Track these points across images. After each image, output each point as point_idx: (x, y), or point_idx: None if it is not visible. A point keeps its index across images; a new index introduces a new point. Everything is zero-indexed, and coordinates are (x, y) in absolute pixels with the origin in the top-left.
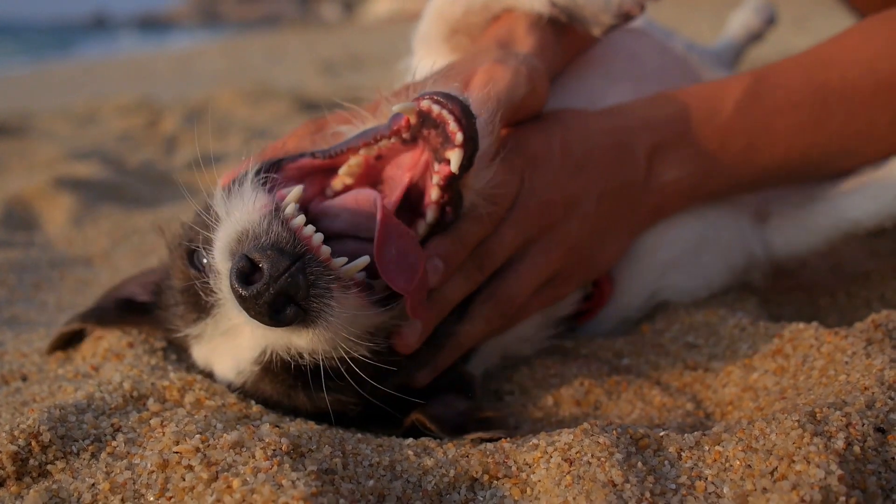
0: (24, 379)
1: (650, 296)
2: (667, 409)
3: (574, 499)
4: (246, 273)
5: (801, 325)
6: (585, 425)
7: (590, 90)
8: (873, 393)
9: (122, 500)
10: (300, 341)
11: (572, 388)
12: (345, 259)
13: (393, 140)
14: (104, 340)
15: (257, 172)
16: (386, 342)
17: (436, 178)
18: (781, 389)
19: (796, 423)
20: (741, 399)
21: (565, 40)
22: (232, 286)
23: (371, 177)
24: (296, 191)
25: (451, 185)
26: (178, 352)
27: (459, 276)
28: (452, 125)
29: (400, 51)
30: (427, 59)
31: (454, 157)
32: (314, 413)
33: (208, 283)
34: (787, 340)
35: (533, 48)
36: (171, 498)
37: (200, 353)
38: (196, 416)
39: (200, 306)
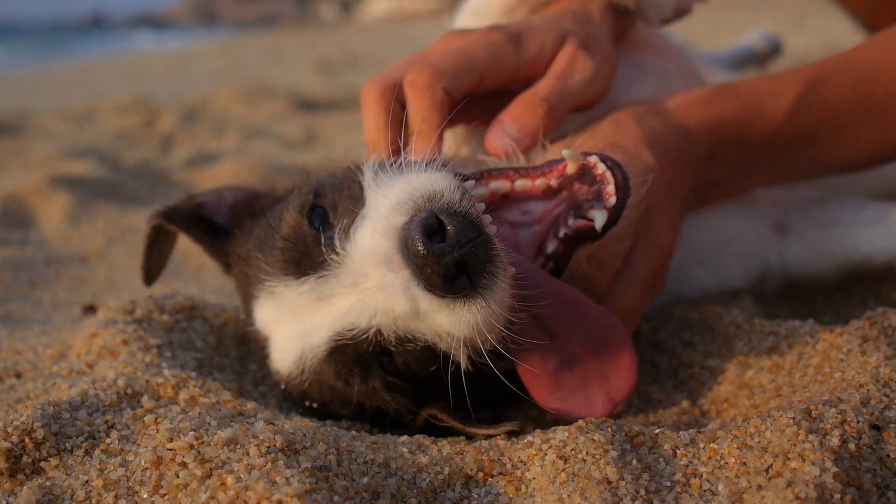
0: (19, 376)
1: (670, 288)
2: (662, 407)
3: (569, 496)
4: (431, 231)
5: (797, 323)
6: (580, 423)
7: (620, 79)
8: (868, 390)
9: (116, 497)
10: (439, 319)
11: None
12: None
13: (538, 182)
14: (99, 338)
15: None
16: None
17: (562, 231)
18: (777, 387)
19: (791, 421)
20: (736, 396)
21: (621, 25)
22: (411, 239)
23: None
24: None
25: (574, 244)
26: (173, 348)
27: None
28: (611, 188)
29: (397, 50)
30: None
31: (600, 217)
32: (356, 414)
33: (330, 242)
34: (782, 338)
35: (608, 34)
36: (164, 495)
37: (267, 313)
38: (190, 414)
39: (307, 263)
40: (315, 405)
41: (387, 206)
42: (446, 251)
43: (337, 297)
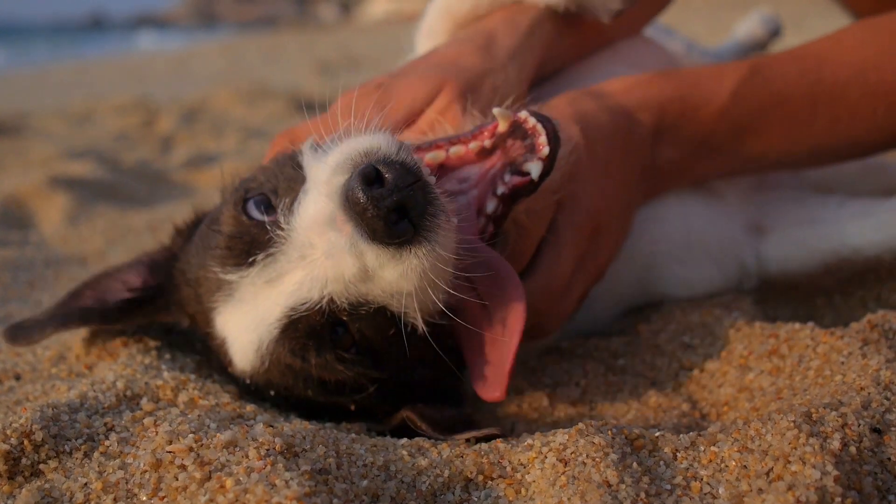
0: (18, 378)
1: (640, 282)
2: (662, 410)
3: (569, 499)
4: (370, 180)
5: (797, 326)
6: (580, 426)
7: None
8: (869, 393)
9: (115, 499)
10: (388, 273)
11: (568, 388)
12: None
13: (471, 146)
14: (98, 339)
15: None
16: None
17: (500, 189)
18: (777, 390)
19: (792, 424)
20: (737, 399)
21: (573, 32)
22: (350, 190)
23: None
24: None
25: (513, 200)
26: (172, 350)
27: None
28: (543, 139)
29: (396, 51)
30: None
31: (535, 168)
32: (321, 393)
33: (269, 228)
34: (782, 341)
35: (539, 46)
36: (163, 497)
37: (225, 316)
38: (190, 416)
39: (254, 249)
40: (281, 393)
41: (327, 170)
42: (385, 195)
43: (286, 276)
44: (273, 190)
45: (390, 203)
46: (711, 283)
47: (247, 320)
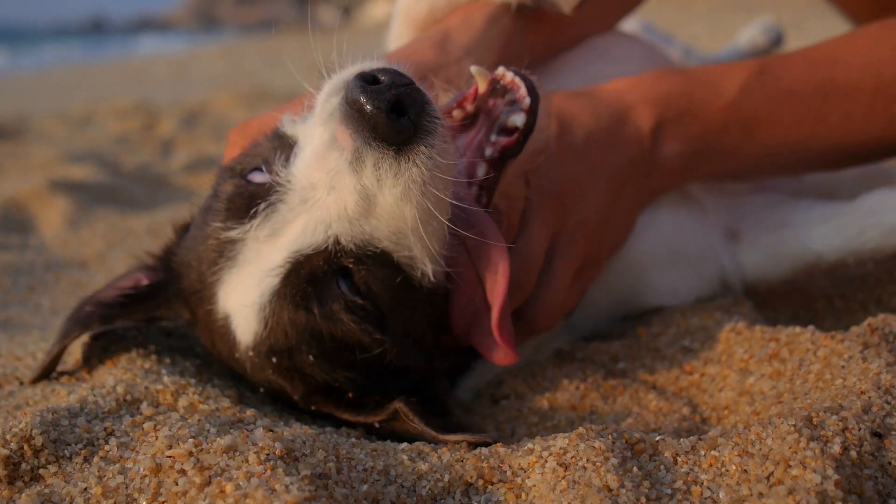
0: (21, 383)
1: (622, 291)
2: (663, 414)
3: None
4: (367, 82)
5: (798, 329)
6: (581, 430)
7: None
8: (870, 397)
9: None
10: (388, 195)
11: (568, 392)
12: None
13: (455, 113)
14: (98, 343)
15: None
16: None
17: (489, 151)
18: (778, 394)
19: (792, 428)
20: (737, 403)
21: (535, 27)
22: (349, 92)
23: None
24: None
25: (502, 162)
26: (173, 354)
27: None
28: (523, 90)
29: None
30: None
31: (519, 119)
32: (322, 361)
33: (270, 183)
34: (783, 344)
35: (496, 39)
36: (163, 502)
37: (229, 287)
38: (189, 421)
39: (253, 204)
40: (284, 365)
41: (320, 102)
42: (383, 89)
43: (289, 224)
44: (265, 160)
45: (389, 96)
46: (694, 291)
47: (249, 280)
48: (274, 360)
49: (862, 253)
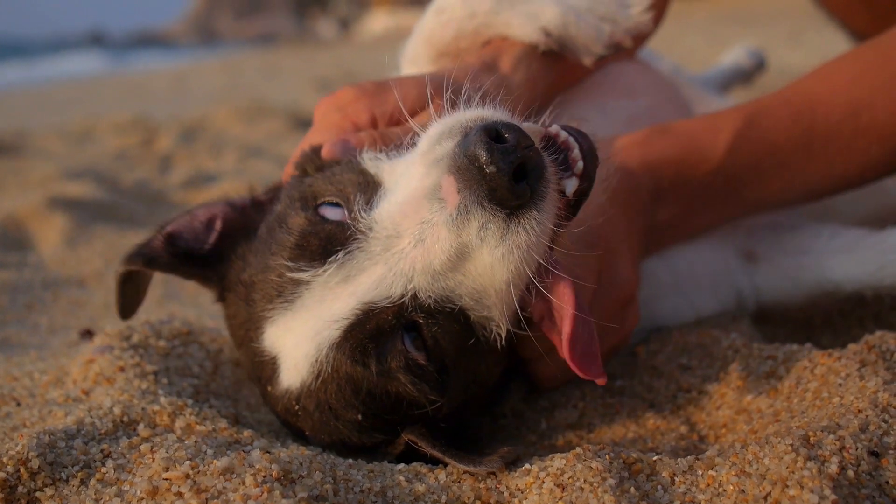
0: (19, 403)
1: (648, 315)
2: (660, 432)
3: None
4: (492, 137)
5: (795, 347)
6: (578, 450)
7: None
8: (867, 416)
9: None
10: (486, 255)
11: (566, 410)
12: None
13: None
14: (95, 364)
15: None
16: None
17: None
18: (775, 412)
19: (790, 448)
20: (735, 421)
21: (557, 69)
22: (471, 145)
23: None
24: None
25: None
26: (170, 375)
27: None
28: (576, 152)
29: (395, 67)
30: None
31: (570, 184)
32: (365, 422)
33: (349, 225)
34: (780, 362)
35: (523, 84)
36: None
37: (281, 327)
38: (186, 442)
39: (329, 247)
40: (325, 421)
41: (427, 141)
42: (510, 150)
43: (365, 272)
44: (342, 194)
45: (515, 159)
46: (707, 311)
47: (307, 327)
48: (317, 414)
49: (881, 287)
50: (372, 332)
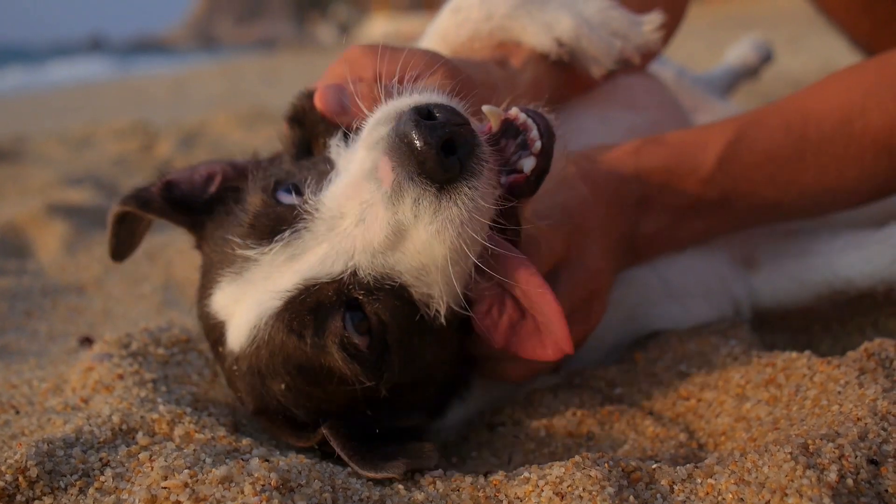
0: (18, 412)
1: (640, 322)
2: (660, 440)
3: None
4: (423, 115)
5: (794, 355)
6: (577, 458)
7: (582, 132)
8: (866, 424)
9: None
10: (422, 231)
11: (565, 418)
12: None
13: None
14: (94, 372)
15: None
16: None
17: (497, 193)
18: (774, 420)
19: (789, 456)
20: (734, 429)
21: (564, 77)
22: (403, 124)
23: None
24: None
25: (513, 202)
26: (169, 383)
27: None
28: (534, 133)
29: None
30: None
31: (528, 163)
32: (293, 387)
33: (298, 207)
34: (779, 370)
35: (529, 82)
36: None
37: (229, 294)
38: (185, 451)
39: (278, 226)
40: (257, 381)
41: (367, 127)
42: (438, 126)
43: (310, 251)
44: (298, 180)
45: (443, 133)
46: (703, 318)
47: (252, 298)
48: (248, 377)
49: (892, 282)
50: (312, 305)
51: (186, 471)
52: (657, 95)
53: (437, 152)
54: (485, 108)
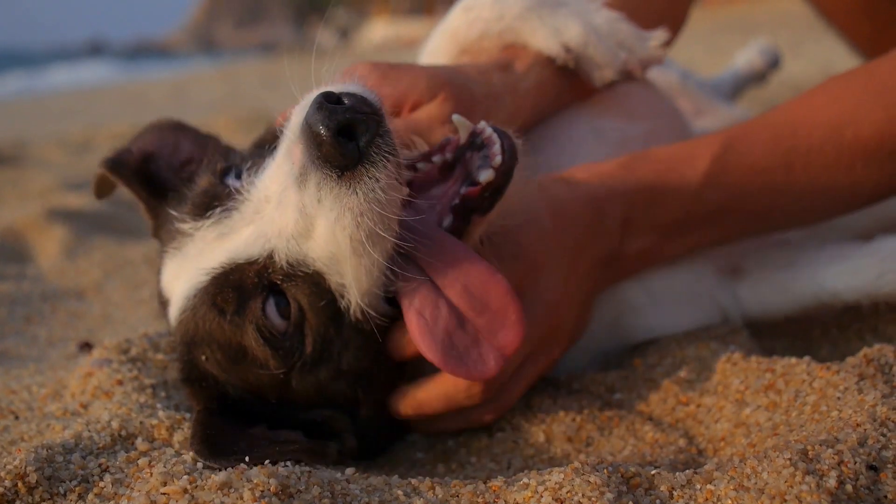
0: (17, 417)
1: (625, 329)
2: (659, 446)
3: None
4: (331, 100)
5: (794, 360)
6: (576, 464)
7: (571, 142)
8: (865, 430)
9: None
10: (324, 218)
11: (564, 424)
12: None
13: (435, 159)
14: (93, 377)
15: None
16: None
17: (454, 201)
18: (774, 425)
19: (788, 462)
20: (733, 435)
21: (567, 83)
22: (311, 104)
23: None
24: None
25: (467, 213)
26: (168, 388)
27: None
28: (496, 148)
29: None
30: None
31: (485, 174)
32: (212, 359)
33: (234, 188)
34: (779, 375)
35: (534, 88)
36: None
37: (172, 270)
38: (184, 456)
39: (213, 205)
40: (184, 351)
41: (293, 115)
42: (337, 110)
43: (237, 231)
44: (239, 166)
45: (342, 118)
46: (690, 324)
47: (187, 273)
48: (180, 347)
49: (878, 296)
50: (234, 284)
51: (186, 477)
52: (655, 105)
53: (334, 136)
54: (455, 117)
